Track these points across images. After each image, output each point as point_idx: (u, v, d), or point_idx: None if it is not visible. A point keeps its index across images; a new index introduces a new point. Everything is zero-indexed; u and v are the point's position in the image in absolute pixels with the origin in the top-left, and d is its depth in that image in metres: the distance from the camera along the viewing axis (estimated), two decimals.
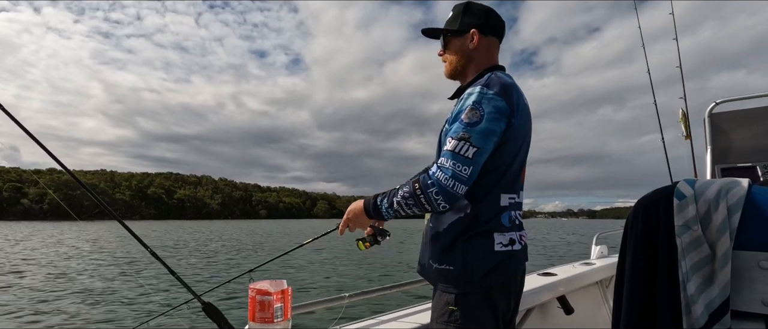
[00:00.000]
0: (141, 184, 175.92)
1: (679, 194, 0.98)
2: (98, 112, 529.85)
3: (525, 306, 1.84)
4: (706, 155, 2.14)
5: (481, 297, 1.04)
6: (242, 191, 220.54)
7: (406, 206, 1.03)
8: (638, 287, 1.03)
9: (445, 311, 1.05)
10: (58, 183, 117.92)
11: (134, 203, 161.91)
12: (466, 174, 0.98)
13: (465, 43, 1.18)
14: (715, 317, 0.89)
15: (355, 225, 1.19)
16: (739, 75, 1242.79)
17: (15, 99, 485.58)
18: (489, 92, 1.01)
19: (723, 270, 0.89)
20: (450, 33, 1.20)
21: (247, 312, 0.96)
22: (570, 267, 2.40)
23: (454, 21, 1.19)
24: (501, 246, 1.06)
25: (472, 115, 1.00)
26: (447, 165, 0.98)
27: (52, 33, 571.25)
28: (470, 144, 0.98)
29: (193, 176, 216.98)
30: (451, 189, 0.97)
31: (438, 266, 1.09)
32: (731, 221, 0.90)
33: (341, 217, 1.20)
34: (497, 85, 1.03)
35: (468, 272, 1.04)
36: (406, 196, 1.02)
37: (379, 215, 1.10)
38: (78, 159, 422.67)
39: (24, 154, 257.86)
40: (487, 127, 0.99)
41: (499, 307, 1.07)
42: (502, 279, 1.06)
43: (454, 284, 1.05)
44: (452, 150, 0.99)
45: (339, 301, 1.44)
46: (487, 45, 1.19)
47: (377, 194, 1.12)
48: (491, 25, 1.19)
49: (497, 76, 1.08)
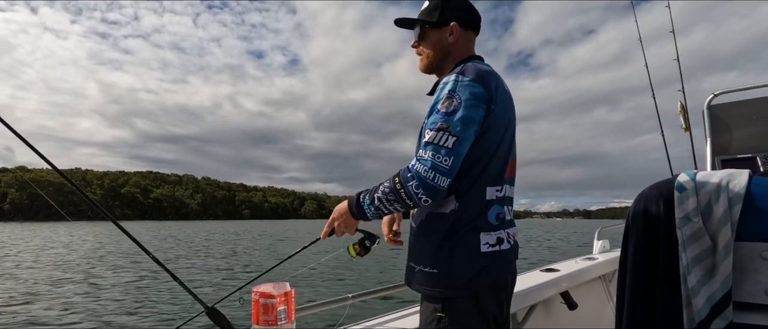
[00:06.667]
0: (114, 183, 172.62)
1: (679, 186, 1.01)
2: (94, 112, 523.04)
3: (528, 302, 1.88)
4: (705, 148, 2.21)
5: (469, 301, 1.02)
6: (225, 191, 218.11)
7: (387, 202, 1.00)
8: (640, 280, 1.06)
9: (433, 318, 1.03)
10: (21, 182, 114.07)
11: (107, 203, 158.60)
12: (447, 165, 0.95)
13: (443, 36, 1.15)
14: (717, 310, 0.93)
15: (341, 228, 1.12)
16: (731, 76, 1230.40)
17: (10, 100, 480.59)
18: (464, 79, 1.00)
19: (724, 262, 0.93)
20: (427, 24, 1.16)
21: (251, 315, 0.99)
22: (573, 263, 2.45)
23: (431, 12, 1.16)
24: (488, 247, 1.03)
25: (449, 104, 0.98)
26: (426, 157, 0.95)
27: (49, 33, 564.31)
28: (449, 133, 0.95)
29: (174, 174, 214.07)
30: (431, 181, 0.94)
31: (422, 269, 1.06)
32: (732, 213, 0.94)
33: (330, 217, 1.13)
34: (473, 72, 1.01)
35: (454, 275, 1.01)
36: (387, 191, 0.99)
37: (362, 213, 1.06)
38: (74, 160, 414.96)
39: (18, 154, 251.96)
40: (466, 114, 0.97)
41: (489, 311, 1.04)
42: (490, 282, 1.03)
43: (440, 288, 1.02)
44: (431, 141, 0.96)
45: (343, 302, 1.46)
46: (466, 39, 1.17)
47: (360, 192, 1.07)
48: (471, 19, 1.17)
49: (473, 64, 1.06)
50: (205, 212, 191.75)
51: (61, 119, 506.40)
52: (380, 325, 1.48)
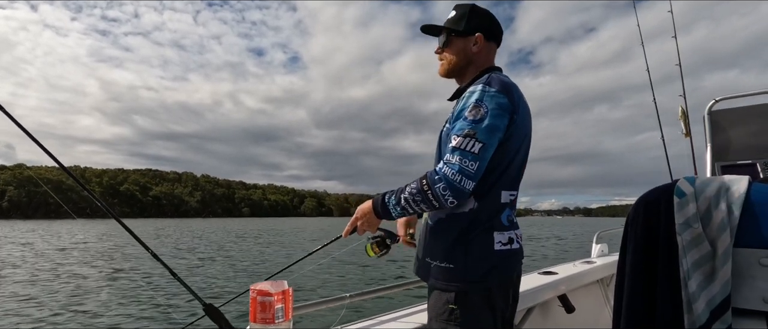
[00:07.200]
0: (113, 181, 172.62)
1: (679, 192, 1.02)
2: (95, 110, 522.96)
3: (526, 304, 1.89)
4: (705, 153, 2.21)
5: (481, 296, 1.08)
6: (225, 189, 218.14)
7: (413, 202, 1.06)
8: (639, 285, 1.07)
9: (445, 309, 1.09)
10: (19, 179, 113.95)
11: (105, 201, 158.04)
12: (473, 169, 1.02)
13: (468, 45, 1.22)
14: (716, 314, 0.93)
15: (364, 226, 1.19)
16: (732, 75, 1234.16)
17: (11, 97, 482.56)
18: (491, 90, 1.08)
19: (724, 268, 0.93)
20: (454, 32, 1.23)
21: (248, 313, 0.99)
22: (571, 266, 2.47)
23: (458, 21, 1.23)
24: (500, 245, 1.10)
25: (476, 112, 1.05)
26: (453, 161, 1.02)
27: (49, 30, 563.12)
28: (476, 140, 1.02)
29: (173, 172, 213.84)
30: (458, 184, 1.01)
31: (438, 264, 1.12)
32: (732, 219, 0.94)
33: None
34: (498, 83, 1.10)
35: (469, 270, 1.08)
36: (414, 192, 1.05)
37: (387, 213, 1.13)
38: (74, 157, 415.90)
39: (19, 151, 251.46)
40: (492, 123, 1.05)
41: (498, 306, 1.11)
42: (501, 279, 1.11)
43: (455, 282, 1.08)
44: (458, 147, 1.03)
45: (340, 301, 1.47)
46: (489, 50, 1.25)
47: (385, 193, 1.14)
48: (494, 31, 1.25)
49: (498, 75, 1.15)
50: (205, 210, 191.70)
51: (62, 117, 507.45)
52: (377, 325, 1.48)
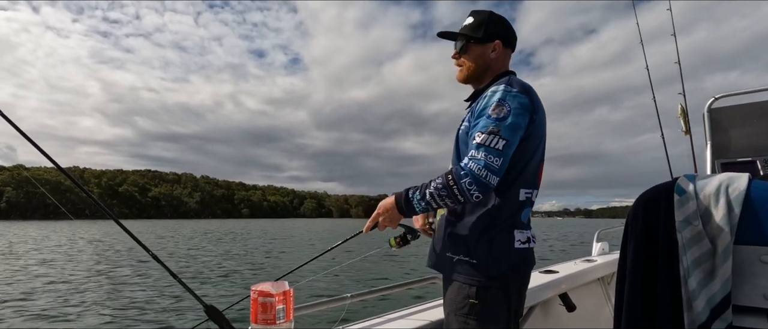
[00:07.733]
0: (112, 182, 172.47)
1: (679, 189, 1.02)
2: (96, 111, 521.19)
3: (527, 303, 1.88)
4: (705, 151, 2.21)
5: (500, 292, 1.12)
6: (224, 190, 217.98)
7: (439, 197, 1.08)
8: (639, 283, 1.07)
9: (465, 304, 1.11)
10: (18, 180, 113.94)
11: (104, 202, 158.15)
12: (498, 165, 1.05)
13: (486, 51, 1.26)
14: (717, 312, 0.94)
15: (386, 222, 1.21)
16: (733, 76, 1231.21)
17: (12, 98, 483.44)
18: (513, 90, 1.12)
19: (724, 265, 0.93)
20: (472, 39, 1.26)
21: (250, 314, 0.99)
22: (572, 264, 2.48)
23: (477, 28, 1.26)
24: (520, 243, 1.14)
25: (500, 110, 1.09)
26: (479, 156, 1.05)
27: (51, 32, 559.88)
28: (500, 137, 1.06)
29: (173, 173, 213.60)
30: (484, 179, 1.03)
31: (461, 259, 1.15)
32: (732, 217, 0.94)
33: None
34: (519, 85, 1.15)
35: (491, 267, 1.11)
36: (439, 187, 1.08)
37: (410, 208, 1.15)
38: (75, 158, 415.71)
39: (20, 153, 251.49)
40: (514, 121, 1.08)
41: (513, 302, 1.15)
42: (519, 276, 1.16)
43: (477, 277, 1.11)
44: (483, 143, 1.06)
45: (342, 301, 1.47)
46: (505, 56, 1.29)
47: (408, 188, 1.17)
48: (510, 37, 1.29)
49: (517, 78, 1.21)
50: (204, 211, 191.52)
51: (63, 118, 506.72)
52: (379, 325, 1.48)
